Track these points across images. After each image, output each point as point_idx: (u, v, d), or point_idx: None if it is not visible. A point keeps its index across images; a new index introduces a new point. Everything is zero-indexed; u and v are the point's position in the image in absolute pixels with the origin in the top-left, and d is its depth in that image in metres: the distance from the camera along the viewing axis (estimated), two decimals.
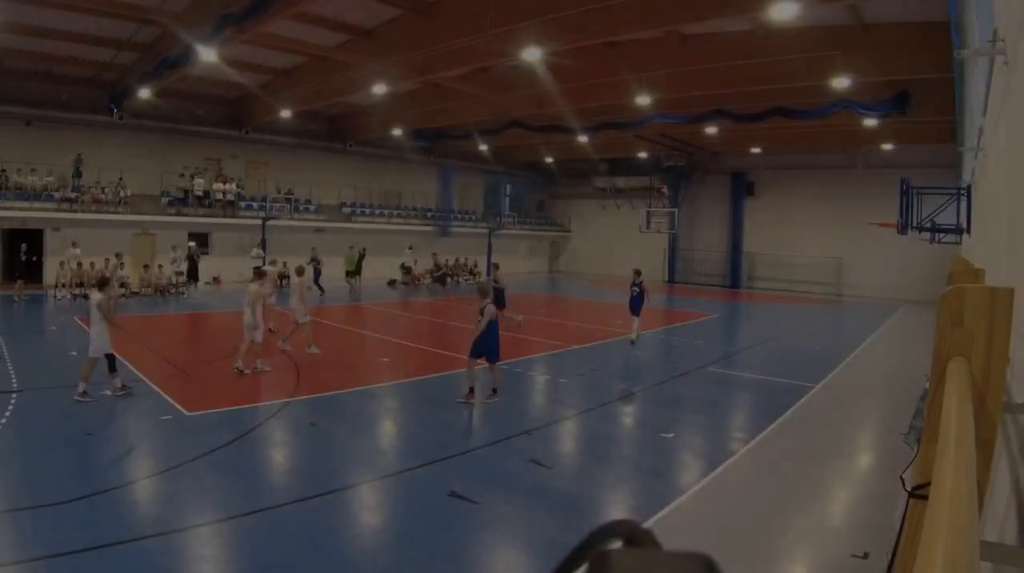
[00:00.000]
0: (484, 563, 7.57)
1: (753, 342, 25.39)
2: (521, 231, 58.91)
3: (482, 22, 21.58)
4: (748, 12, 19.55)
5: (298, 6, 21.32)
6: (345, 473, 10.03)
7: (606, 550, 0.73)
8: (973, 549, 1.17)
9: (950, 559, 1.10)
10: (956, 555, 1.11)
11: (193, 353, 18.65)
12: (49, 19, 26.05)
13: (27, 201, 32.92)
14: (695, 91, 28.52)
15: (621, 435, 12.90)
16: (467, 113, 36.56)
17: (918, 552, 1.21)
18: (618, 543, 0.77)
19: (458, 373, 17.09)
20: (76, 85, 35.56)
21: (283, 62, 32.59)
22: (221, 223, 39.67)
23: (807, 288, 47.34)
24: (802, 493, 9.66)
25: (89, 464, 9.58)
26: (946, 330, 2.45)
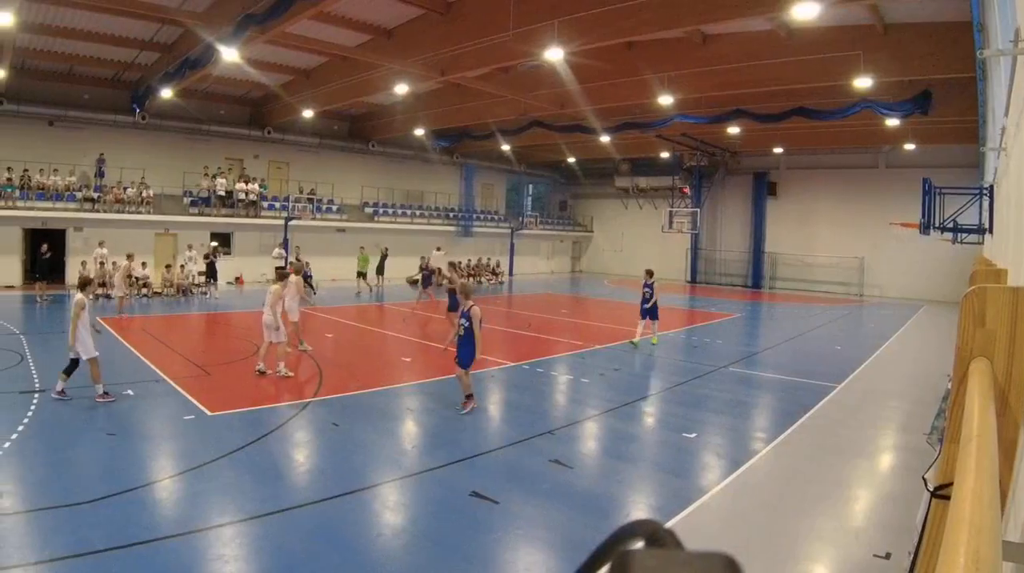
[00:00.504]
0: (505, 563, 7.54)
1: (774, 342, 25.30)
2: (543, 231, 58.93)
3: (503, 22, 21.69)
4: (769, 12, 19.47)
5: (319, 6, 21.43)
6: (367, 473, 10.02)
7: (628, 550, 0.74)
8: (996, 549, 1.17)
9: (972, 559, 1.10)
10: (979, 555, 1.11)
11: (215, 353, 18.66)
12: (71, 19, 26.31)
13: (49, 201, 33.11)
14: (716, 91, 28.58)
15: (643, 435, 12.87)
16: (489, 113, 36.67)
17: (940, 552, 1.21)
18: (640, 543, 0.78)
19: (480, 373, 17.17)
20: (98, 85, 35.88)
21: (305, 62, 32.86)
22: (243, 223, 39.73)
23: (828, 288, 47.40)
24: (824, 493, 9.61)
25: (111, 464, 9.57)
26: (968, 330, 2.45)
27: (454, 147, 50.68)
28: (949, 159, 39.83)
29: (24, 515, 7.84)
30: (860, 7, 20.58)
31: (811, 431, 12.90)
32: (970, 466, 1.57)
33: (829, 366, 19.72)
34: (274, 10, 20.30)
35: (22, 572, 6.58)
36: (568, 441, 11.89)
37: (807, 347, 24.13)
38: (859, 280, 46.85)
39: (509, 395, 15.63)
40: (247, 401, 13.79)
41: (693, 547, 0.73)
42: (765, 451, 11.45)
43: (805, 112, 30.41)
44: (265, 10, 20.60)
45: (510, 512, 8.66)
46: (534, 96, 32.40)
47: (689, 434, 12.33)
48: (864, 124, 34.25)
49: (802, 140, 42.39)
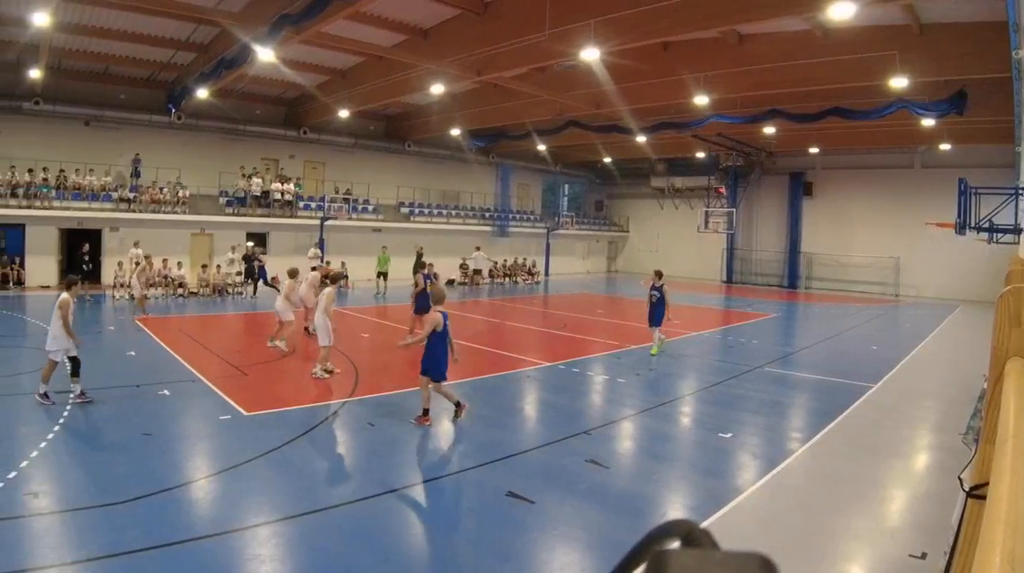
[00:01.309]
0: (541, 563, 7.54)
1: (810, 342, 25.22)
2: (579, 231, 58.88)
3: (540, 22, 21.70)
4: (806, 12, 19.43)
5: (355, 6, 21.48)
6: (402, 473, 10.06)
7: (664, 550, 0.77)
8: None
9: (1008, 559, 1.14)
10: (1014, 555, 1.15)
11: (251, 353, 18.66)
12: (107, 19, 26.52)
13: (85, 201, 33.31)
14: (752, 91, 28.48)
15: (679, 435, 12.87)
16: (525, 113, 36.69)
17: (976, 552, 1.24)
18: (676, 543, 0.81)
19: (516, 373, 17.31)
20: (134, 85, 36.19)
21: (340, 62, 32.97)
22: (279, 223, 39.90)
23: (864, 288, 47.13)
24: (859, 493, 9.59)
25: (147, 464, 9.60)
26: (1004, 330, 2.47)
27: (490, 147, 50.64)
28: (985, 159, 39.56)
29: (60, 515, 7.89)
30: (896, 7, 20.51)
31: (847, 431, 12.85)
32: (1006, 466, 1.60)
33: (865, 366, 19.62)
34: (310, 10, 20.41)
35: (58, 572, 6.63)
36: (604, 441, 11.88)
37: (843, 347, 24.00)
38: (895, 280, 46.59)
39: (545, 395, 15.60)
40: (283, 401, 13.87)
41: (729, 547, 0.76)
42: (801, 451, 11.44)
43: (841, 112, 30.28)
44: (301, 10, 20.70)
45: (546, 512, 8.65)
46: (570, 96, 32.39)
47: (725, 434, 12.31)
48: (900, 124, 34.02)
49: (838, 140, 42.17)
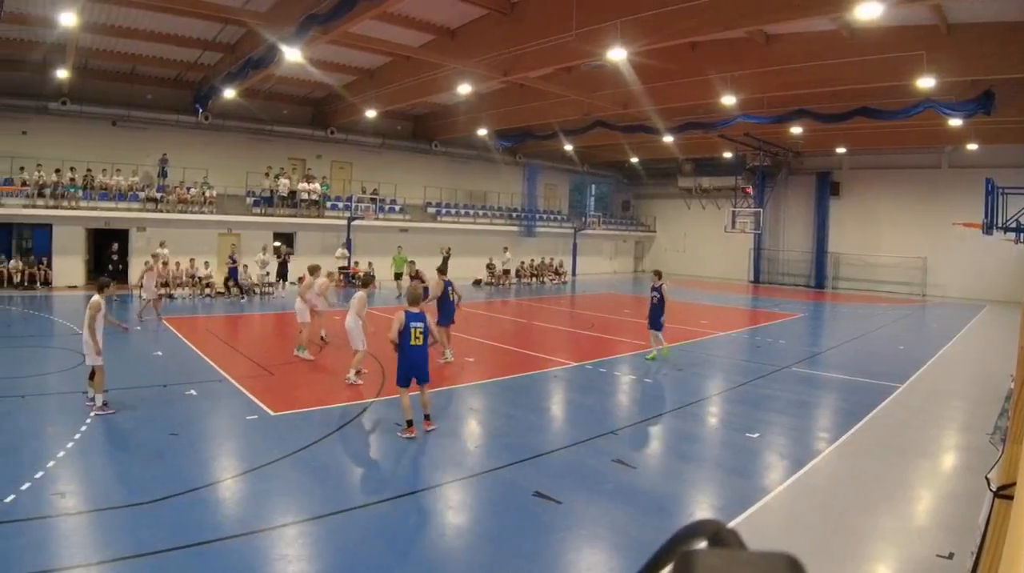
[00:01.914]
0: (568, 563, 7.53)
1: (837, 342, 25.14)
2: (606, 231, 58.83)
3: (566, 22, 21.72)
4: (833, 12, 19.39)
5: (382, 6, 21.56)
6: (429, 473, 10.10)
7: (691, 550, 0.80)
8: None
9: None
10: None
11: (278, 353, 18.79)
12: (134, 19, 26.66)
13: (112, 201, 33.49)
14: (779, 91, 28.45)
15: (706, 435, 12.87)
16: (552, 113, 36.68)
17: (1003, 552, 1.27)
18: (703, 543, 0.83)
19: (543, 373, 17.32)
20: (161, 85, 36.38)
21: (367, 62, 33.02)
22: (306, 223, 39.99)
23: (891, 288, 46.94)
24: (886, 493, 9.58)
25: (173, 464, 9.63)
26: None
27: (517, 147, 50.63)
28: (1012, 159, 39.44)
29: (87, 515, 7.93)
30: (923, 7, 20.43)
31: (874, 431, 12.83)
32: None
33: (892, 366, 19.56)
34: (337, 10, 20.46)
35: (85, 572, 6.68)
36: (631, 441, 11.90)
37: (870, 347, 23.92)
38: (922, 280, 46.38)
39: (572, 395, 15.60)
40: (310, 401, 13.87)
41: (756, 547, 0.79)
42: (828, 451, 11.42)
43: (868, 112, 30.20)
44: (328, 10, 20.75)
45: (573, 512, 8.66)
46: (597, 96, 32.37)
47: (752, 434, 12.31)
48: (927, 124, 33.86)
49: (865, 140, 42.07)
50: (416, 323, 11.42)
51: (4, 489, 8.35)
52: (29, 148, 33.11)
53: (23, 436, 10.68)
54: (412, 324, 11.38)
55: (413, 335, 11.35)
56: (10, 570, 6.56)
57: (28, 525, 7.52)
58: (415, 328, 11.38)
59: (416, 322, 11.44)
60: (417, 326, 11.42)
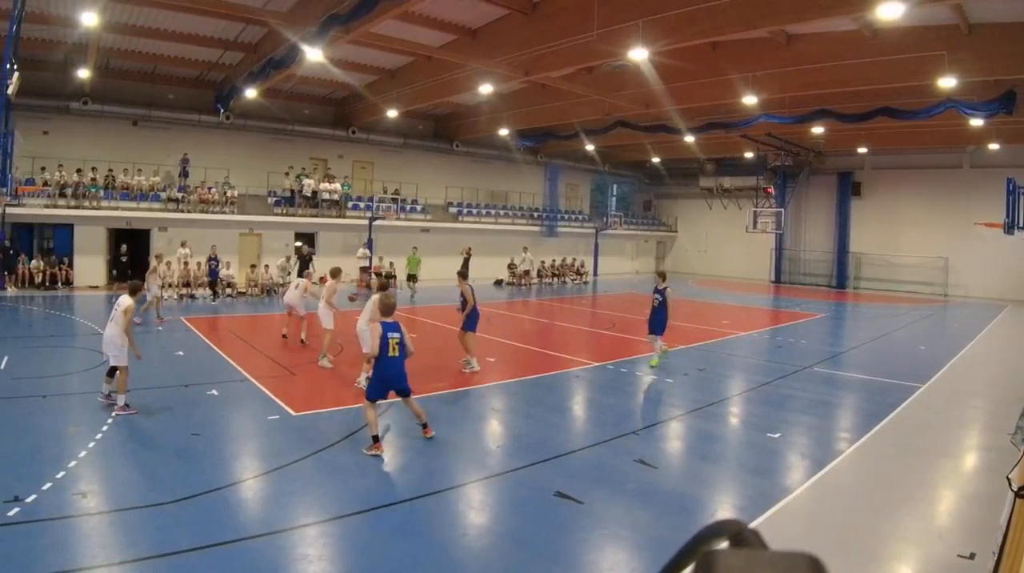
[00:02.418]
0: (590, 563, 7.51)
1: (859, 342, 25.12)
2: (627, 231, 58.74)
3: (588, 22, 21.73)
4: (854, 12, 19.38)
5: (404, 6, 21.66)
6: (451, 473, 10.09)
7: (713, 550, 0.82)
8: None
9: None
10: None
11: (300, 353, 18.81)
12: (155, 18, 26.78)
13: (133, 201, 33.61)
14: (801, 91, 28.40)
15: (727, 435, 12.85)
16: (573, 113, 36.72)
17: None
18: (724, 543, 0.84)
19: (565, 373, 17.35)
20: (182, 85, 36.49)
21: (389, 62, 33.09)
22: (327, 223, 40.06)
23: (913, 288, 46.80)
24: (908, 493, 9.58)
25: (195, 464, 9.66)
26: None
27: (538, 147, 50.70)
28: None
29: (108, 515, 7.94)
30: (944, 7, 20.39)
31: (895, 431, 12.81)
32: None
33: (913, 366, 19.56)
34: (358, 10, 20.44)
35: (107, 572, 6.70)
36: (652, 441, 11.93)
37: (891, 347, 23.94)
38: (943, 280, 46.22)
39: (593, 395, 15.62)
40: (331, 401, 13.91)
41: (777, 547, 0.81)
42: (849, 451, 11.40)
43: (889, 112, 30.16)
44: (349, 10, 20.75)
45: (594, 512, 8.67)
46: (619, 96, 32.36)
47: (773, 434, 12.30)
48: (948, 124, 33.81)
49: (887, 140, 41.99)
50: (393, 333, 10.89)
51: (26, 489, 8.38)
52: (51, 148, 33.18)
53: (45, 436, 10.72)
54: (389, 334, 10.83)
55: (391, 346, 10.77)
56: (32, 570, 6.60)
57: (50, 525, 7.55)
58: (392, 338, 10.82)
59: (393, 332, 10.90)
60: (394, 336, 10.87)
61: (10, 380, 14.31)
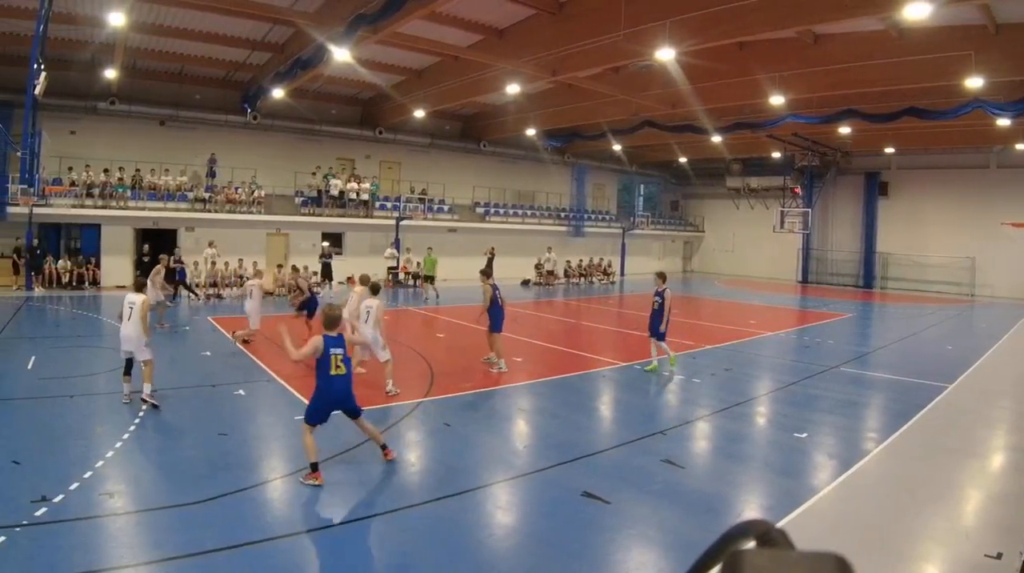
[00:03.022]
0: (616, 563, 7.51)
1: (886, 342, 25.04)
2: (654, 231, 58.79)
3: (615, 22, 21.76)
4: (881, 12, 19.37)
5: (431, 6, 21.76)
6: (478, 473, 10.10)
7: (740, 550, 0.82)
8: None
9: None
10: None
11: None
12: (182, 19, 27.00)
13: (160, 201, 33.76)
14: (828, 91, 28.39)
15: (754, 435, 12.85)
16: (600, 113, 36.76)
17: None
18: (752, 543, 0.85)
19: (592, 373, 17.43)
20: (209, 85, 36.72)
21: (416, 62, 33.19)
22: (355, 223, 40.16)
23: (940, 288, 46.71)
24: (935, 493, 9.56)
25: (222, 464, 9.67)
26: None
27: (565, 147, 50.78)
28: None
29: (135, 515, 7.98)
30: (971, 7, 20.35)
31: (923, 431, 12.79)
32: None
33: (941, 366, 19.49)
34: (385, 10, 20.49)
35: (133, 572, 6.74)
36: (679, 441, 11.92)
37: (918, 347, 23.90)
38: (970, 280, 46.10)
39: (620, 395, 15.65)
40: (358, 401, 13.76)
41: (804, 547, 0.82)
42: (876, 451, 11.37)
43: (916, 112, 30.12)
44: (376, 10, 20.79)
45: (622, 512, 8.68)
46: (645, 96, 32.37)
47: (800, 434, 12.29)
48: (976, 124, 33.79)
49: (914, 140, 41.94)
50: (336, 349, 9.72)
51: (53, 489, 8.42)
52: (78, 148, 33.45)
53: (72, 436, 10.79)
54: (332, 350, 9.67)
55: (333, 363, 9.63)
56: (59, 569, 6.64)
57: (77, 525, 7.59)
58: (335, 355, 9.68)
59: (336, 348, 9.73)
60: (337, 352, 9.71)
61: (37, 380, 14.44)
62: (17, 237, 31.00)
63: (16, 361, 16.23)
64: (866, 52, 24.38)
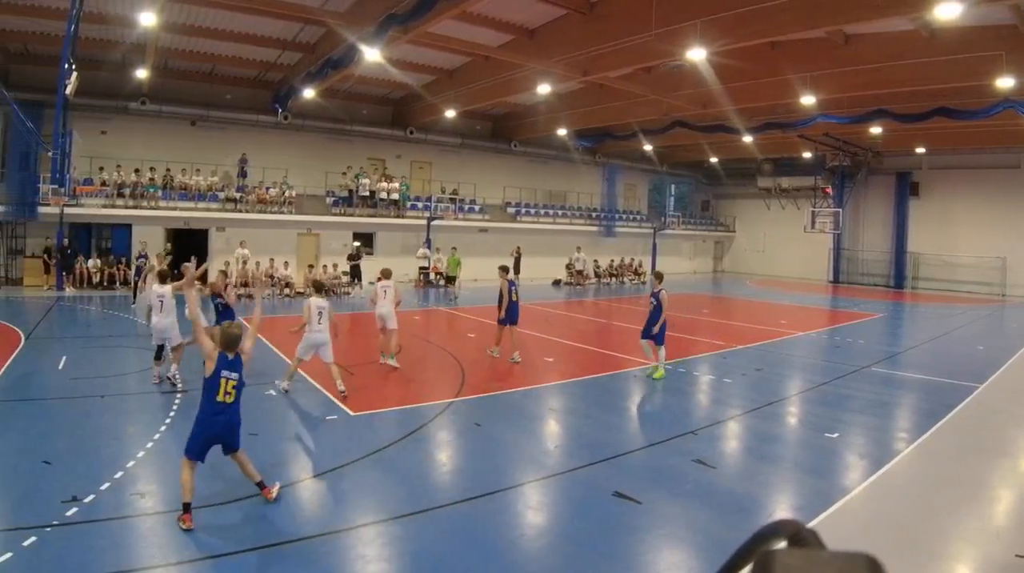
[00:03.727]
0: (648, 563, 7.55)
1: (917, 342, 24.97)
2: (685, 231, 58.51)
3: (646, 22, 21.81)
4: (911, 12, 19.33)
5: (462, 6, 21.84)
6: (509, 473, 10.10)
7: (771, 550, 0.82)
8: None
9: None
10: None
11: (358, 353, 18.87)
12: (213, 19, 27.13)
13: (191, 201, 33.92)
14: (859, 91, 28.33)
15: (785, 435, 12.85)
16: (631, 113, 36.75)
17: None
18: (783, 543, 0.85)
19: (623, 373, 17.44)
20: (240, 85, 36.88)
21: (447, 62, 33.25)
22: (386, 223, 40.26)
23: (971, 288, 46.49)
24: (966, 493, 9.55)
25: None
26: None
27: (596, 147, 50.78)
28: None
29: (166, 515, 7.98)
30: (1002, 7, 20.23)
31: (954, 431, 12.75)
32: None
33: (972, 366, 19.39)
34: (416, 10, 20.62)
35: (164, 572, 6.79)
36: (710, 441, 11.90)
37: (950, 347, 23.80)
38: (1001, 280, 45.88)
39: (651, 395, 15.65)
40: (390, 401, 13.96)
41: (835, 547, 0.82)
42: (907, 451, 11.37)
43: (947, 112, 30.07)
44: (408, 10, 20.92)
45: (653, 512, 8.70)
46: (676, 96, 32.41)
47: (831, 434, 12.27)
48: (1006, 124, 33.66)
49: (944, 140, 41.86)
50: (229, 373, 8.36)
51: (84, 489, 8.49)
52: (109, 148, 33.75)
53: (103, 436, 10.88)
54: (223, 373, 8.31)
55: (223, 389, 8.27)
56: (90, 569, 6.69)
57: (108, 525, 7.63)
58: (226, 379, 8.32)
59: (230, 371, 8.38)
60: (231, 377, 8.36)
61: (68, 380, 14.56)
62: (48, 237, 31.25)
63: (47, 361, 16.36)
64: (897, 52, 24.34)
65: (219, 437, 8.33)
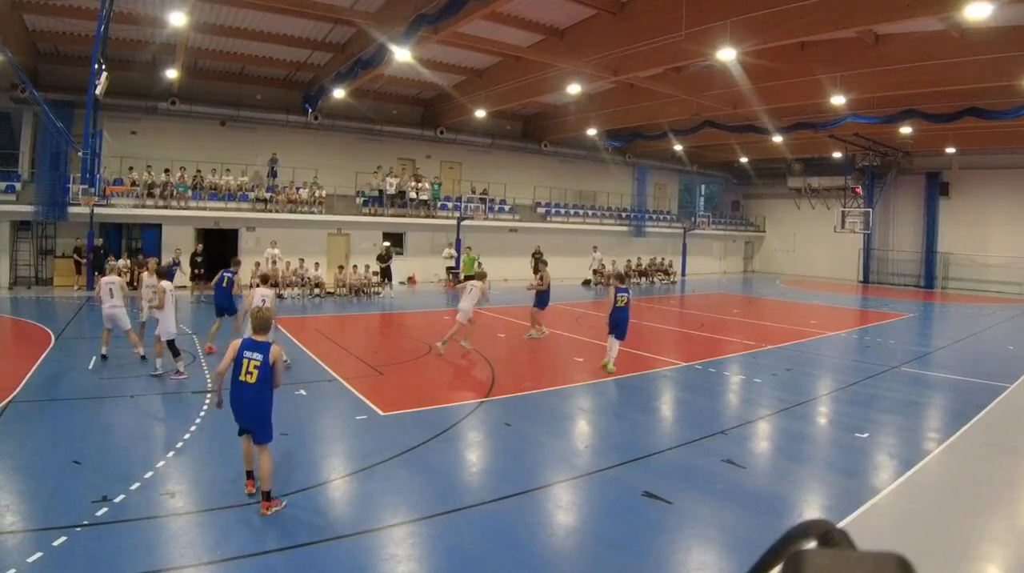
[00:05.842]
0: (678, 563, 7.56)
1: (947, 342, 24.86)
2: (715, 231, 58.37)
3: (676, 22, 21.83)
4: (942, 12, 19.29)
5: (492, 6, 21.86)
6: (539, 473, 10.10)
7: (801, 550, 0.84)
8: None
9: None
10: None
11: (388, 353, 18.99)
12: (243, 19, 27.28)
13: (222, 201, 34.04)
14: (889, 91, 28.31)
15: (815, 435, 12.84)
16: (661, 113, 36.74)
17: None
18: (813, 543, 0.87)
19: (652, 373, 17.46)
20: (270, 85, 36.98)
21: (477, 62, 33.32)
22: (415, 223, 40.31)
23: (1001, 288, 46.25)
24: (996, 494, 9.55)
25: (283, 464, 9.65)
26: None
27: (626, 147, 50.69)
28: None
29: (196, 515, 8.12)
30: None
31: (984, 431, 12.73)
32: None
33: (1002, 366, 19.35)
34: (446, 10, 20.69)
35: (194, 572, 6.82)
36: (741, 441, 11.91)
37: (979, 347, 23.74)
38: None
39: (682, 395, 15.68)
40: (420, 401, 13.93)
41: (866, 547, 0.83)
42: (938, 451, 11.35)
43: (977, 112, 30.00)
44: (438, 10, 21.00)
45: (683, 512, 8.72)
46: (706, 96, 32.44)
47: (861, 434, 12.26)
48: None
49: (975, 140, 41.66)
50: (251, 353, 8.50)
51: (114, 489, 8.54)
52: (139, 148, 33.94)
53: (132, 436, 10.97)
54: (245, 353, 8.50)
55: (244, 368, 8.45)
56: (120, 569, 6.74)
57: (138, 525, 7.69)
58: (248, 359, 8.47)
59: (252, 352, 8.51)
60: (252, 357, 8.47)
61: (98, 380, 14.72)
62: (78, 237, 31.48)
63: (78, 361, 16.54)
64: (927, 52, 24.26)
65: (244, 418, 8.61)
